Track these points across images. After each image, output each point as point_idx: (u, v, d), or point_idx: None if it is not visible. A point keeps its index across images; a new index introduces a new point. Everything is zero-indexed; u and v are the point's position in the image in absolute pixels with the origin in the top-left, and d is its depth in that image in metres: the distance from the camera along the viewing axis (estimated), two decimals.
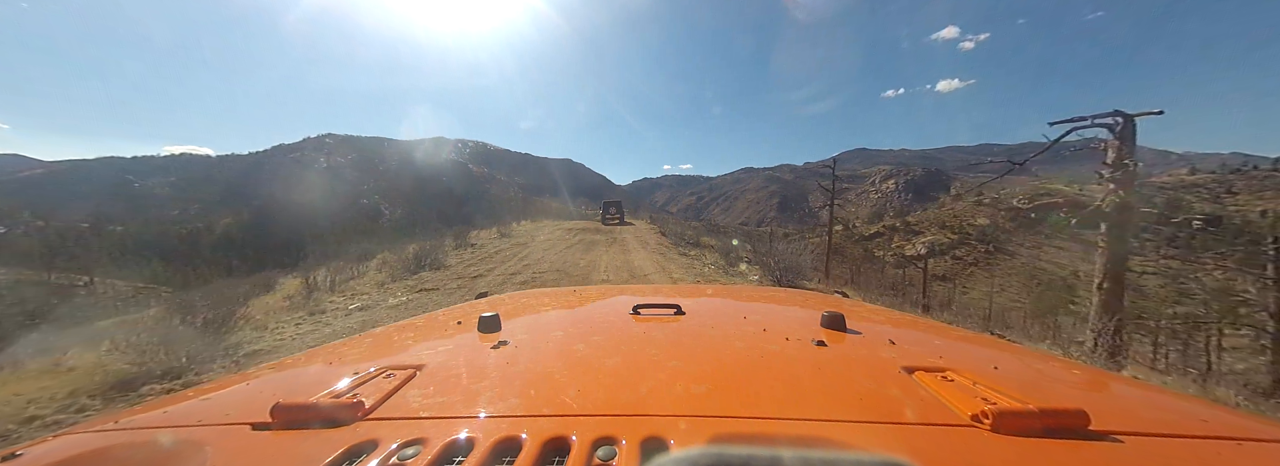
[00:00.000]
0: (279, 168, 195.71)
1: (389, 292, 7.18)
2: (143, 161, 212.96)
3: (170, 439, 0.52)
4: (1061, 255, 51.83)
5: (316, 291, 7.35)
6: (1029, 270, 50.01)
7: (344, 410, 0.53)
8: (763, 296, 1.39)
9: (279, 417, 0.53)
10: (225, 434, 0.53)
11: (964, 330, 1.10)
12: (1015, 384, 0.64)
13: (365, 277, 8.83)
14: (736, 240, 14.72)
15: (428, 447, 0.46)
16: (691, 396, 0.56)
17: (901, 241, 58.93)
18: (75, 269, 25.88)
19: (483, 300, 1.43)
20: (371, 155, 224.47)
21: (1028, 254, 53.45)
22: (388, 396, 0.58)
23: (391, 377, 0.64)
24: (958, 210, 64.99)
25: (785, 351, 0.74)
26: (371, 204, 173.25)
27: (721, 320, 0.98)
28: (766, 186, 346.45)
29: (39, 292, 19.13)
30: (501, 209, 27.47)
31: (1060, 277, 46.40)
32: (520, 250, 11.98)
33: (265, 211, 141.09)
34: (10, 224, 55.20)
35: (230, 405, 0.63)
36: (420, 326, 1.04)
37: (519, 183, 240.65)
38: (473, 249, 12.40)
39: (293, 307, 6.41)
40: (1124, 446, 0.47)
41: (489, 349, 0.77)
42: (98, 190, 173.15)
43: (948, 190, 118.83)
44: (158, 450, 0.50)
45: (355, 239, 14.53)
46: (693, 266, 9.70)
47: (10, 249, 37.42)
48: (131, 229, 74.10)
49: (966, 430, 0.48)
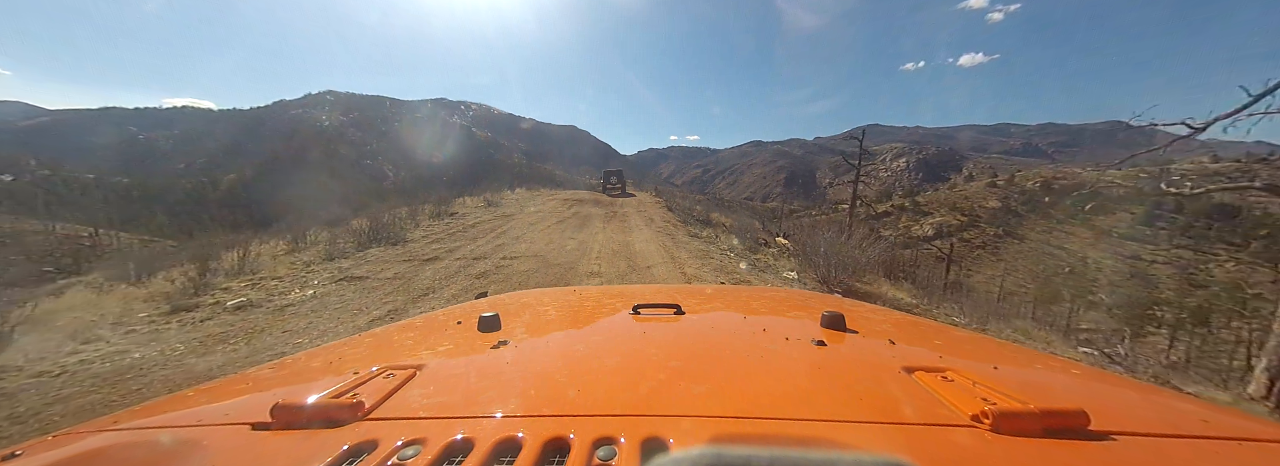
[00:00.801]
0: (280, 124, 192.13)
1: (302, 280, 5.82)
2: (145, 113, 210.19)
3: (170, 439, 0.52)
4: (1071, 241, 51.12)
5: (217, 275, 5.87)
6: (1037, 255, 49.56)
7: (344, 410, 0.53)
8: (763, 296, 1.39)
9: (279, 417, 0.53)
10: (225, 434, 0.53)
11: (964, 330, 1.09)
12: (1015, 384, 0.64)
13: (298, 254, 7.25)
14: (759, 222, 13.41)
15: (428, 447, 0.46)
16: (691, 396, 0.56)
17: (909, 221, 58.18)
18: (80, 220, 25.94)
19: (483, 300, 1.43)
20: (373, 115, 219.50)
21: (1038, 238, 52.73)
22: (388, 396, 0.58)
23: (391, 377, 0.64)
24: (970, 192, 63.58)
25: (785, 351, 0.74)
26: (375, 165, 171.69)
27: (721, 320, 1.00)
28: (774, 161, 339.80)
29: (42, 242, 19.14)
30: (505, 174, 27.01)
31: (1068, 264, 46.02)
32: (502, 223, 10.50)
33: (268, 168, 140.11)
34: (16, 172, 55.11)
35: (230, 405, 0.63)
36: (420, 326, 1.06)
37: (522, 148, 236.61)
38: (449, 219, 10.87)
39: (152, 298, 5.04)
40: (1124, 446, 0.47)
41: (489, 349, 0.77)
42: (102, 142, 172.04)
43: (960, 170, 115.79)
44: (158, 450, 0.50)
45: (361, 201, 14.26)
46: (708, 254, 7.94)
47: (14, 198, 37.67)
48: (136, 181, 74.02)
49: (966, 430, 0.48)
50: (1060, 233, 53.18)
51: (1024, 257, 50.16)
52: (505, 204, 14.43)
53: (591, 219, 11.82)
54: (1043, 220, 55.96)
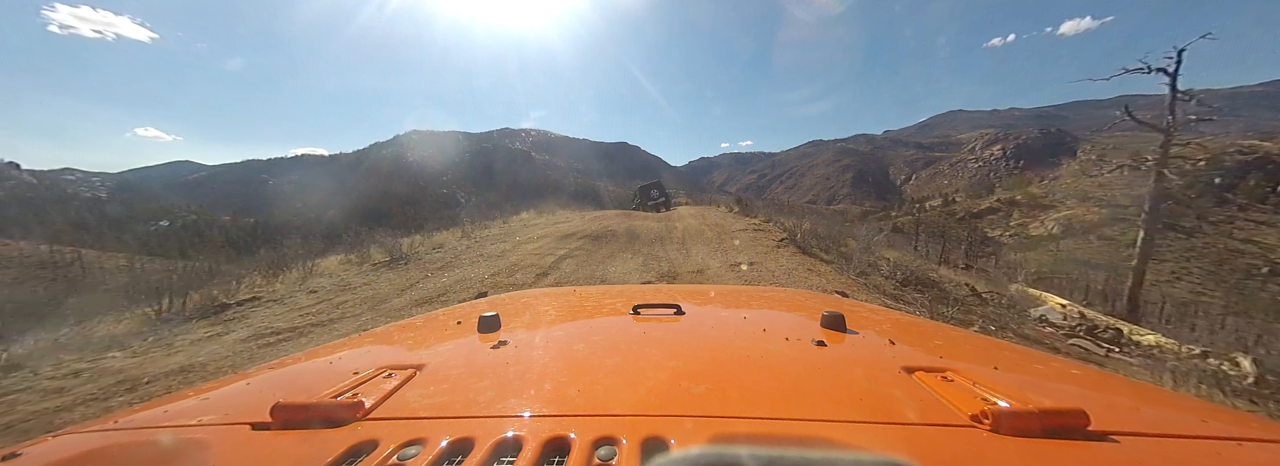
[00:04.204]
0: (375, 163, 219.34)
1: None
2: (275, 163, 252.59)
3: (170, 438, 0.52)
4: (1263, 233, 39.09)
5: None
6: (1215, 252, 38.45)
7: (344, 410, 0.53)
8: (763, 296, 1.37)
9: (279, 417, 0.53)
10: (225, 434, 0.53)
11: (964, 330, 1.07)
12: (1015, 384, 0.64)
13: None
14: None
15: (428, 447, 0.46)
16: (691, 396, 0.56)
17: (1024, 217, 48.61)
18: (203, 256, 29.86)
19: (483, 300, 1.42)
20: (448, 148, 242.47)
21: (1213, 231, 41.11)
22: (388, 396, 0.58)
23: (391, 377, 0.65)
24: (1103, 179, 52.00)
25: (785, 351, 0.74)
26: (449, 193, 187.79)
27: (721, 320, 1.00)
28: (838, 160, 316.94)
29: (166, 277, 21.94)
30: (560, 192, 26.27)
31: (1265, 263, 34.91)
32: (427, 280, 6.37)
33: (363, 201, 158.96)
34: (171, 219, 67.56)
35: (230, 405, 0.63)
36: (420, 326, 1.05)
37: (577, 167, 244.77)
38: (364, 274, 7.04)
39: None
40: (1124, 446, 0.47)
41: (489, 349, 0.77)
42: (242, 189, 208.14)
43: (1073, 154, 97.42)
44: (158, 450, 0.51)
45: (433, 220, 13.64)
46: None
47: (163, 240, 45.54)
48: (261, 220, 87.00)
49: (966, 430, 0.48)
50: (1245, 222, 41.05)
51: (1196, 256, 39.21)
52: (486, 239, 9.50)
53: (614, 258, 7.35)
54: (1217, 207, 43.78)
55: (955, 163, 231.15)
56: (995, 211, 51.49)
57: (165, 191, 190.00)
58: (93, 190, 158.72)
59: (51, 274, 27.82)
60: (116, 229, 63.03)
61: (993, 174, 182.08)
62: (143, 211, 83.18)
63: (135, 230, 59.11)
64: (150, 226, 63.43)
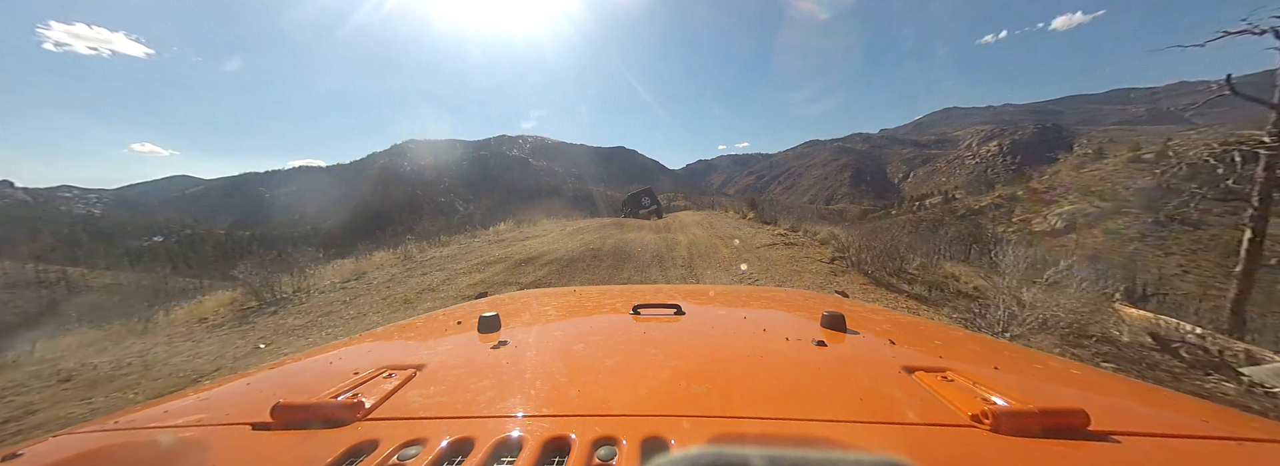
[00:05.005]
0: (373, 173, 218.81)
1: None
2: (272, 175, 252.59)
3: (170, 439, 0.52)
4: (1272, 224, 38.55)
5: None
6: (1223, 244, 37.93)
7: (344, 410, 0.53)
8: (763, 296, 1.36)
9: (279, 417, 0.53)
10: (225, 434, 0.53)
11: (964, 330, 1.07)
12: (1015, 384, 0.64)
13: None
14: None
15: (428, 448, 0.46)
16: (691, 396, 0.56)
17: (1027, 213, 48.18)
18: (191, 273, 29.49)
19: (483, 300, 1.41)
20: (446, 156, 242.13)
21: (1220, 223, 40.60)
22: (388, 396, 0.58)
23: (392, 378, 0.65)
24: (1106, 171, 51.63)
25: (785, 351, 0.74)
26: (448, 201, 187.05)
27: (721, 320, 1.00)
28: (836, 159, 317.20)
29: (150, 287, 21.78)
30: (557, 198, 25.75)
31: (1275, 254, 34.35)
32: (248, 356, 4.46)
33: (360, 211, 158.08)
34: (166, 234, 67.09)
35: (230, 405, 0.63)
36: (420, 326, 1.05)
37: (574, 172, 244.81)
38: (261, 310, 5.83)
39: None
40: (1124, 446, 0.47)
41: (489, 349, 0.77)
42: (240, 202, 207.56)
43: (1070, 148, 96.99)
44: (158, 450, 0.51)
45: (437, 232, 12.92)
46: None
47: (155, 255, 45.15)
48: (257, 232, 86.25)
49: (966, 430, 0.48)
50: None
51: (1204, 249, 38.71)
52: (432, 262, 7.76)
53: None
54: (1224, 199, 43.28)
55: (952, 160, 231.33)
56: (998, 207, 51.09)
57: (163, 206, 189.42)
58: (89, 206, 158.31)
59: (35, 294, 27.40)
60: (108, 244, 62.49)
61: (990, 170, 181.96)
62: (138, 226, 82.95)
63: (128, 245, 58.61)
64: (144, 241, 62.91)
